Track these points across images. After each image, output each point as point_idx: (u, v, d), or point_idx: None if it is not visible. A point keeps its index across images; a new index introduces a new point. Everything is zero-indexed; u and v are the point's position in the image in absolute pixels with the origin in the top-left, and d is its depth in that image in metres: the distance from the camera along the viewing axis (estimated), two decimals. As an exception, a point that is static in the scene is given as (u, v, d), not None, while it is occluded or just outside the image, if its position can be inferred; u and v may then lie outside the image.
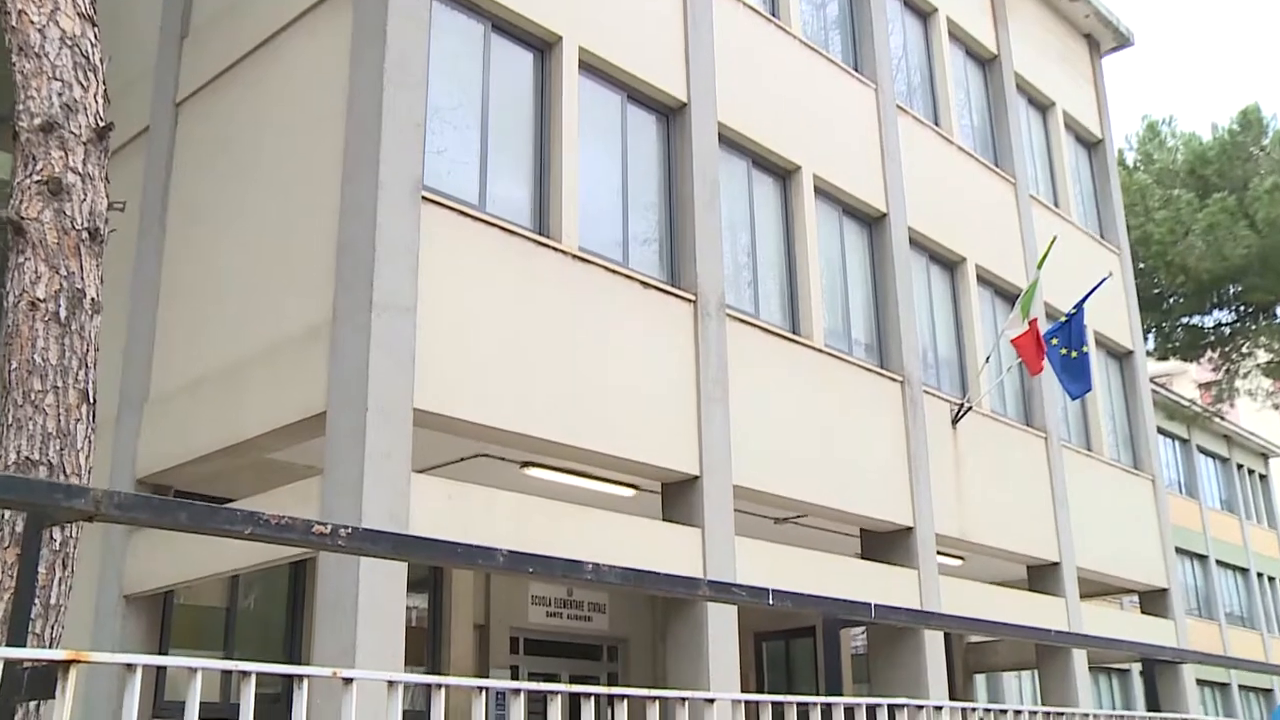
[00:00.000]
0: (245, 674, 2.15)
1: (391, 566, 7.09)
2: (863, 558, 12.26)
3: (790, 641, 17.57)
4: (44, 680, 1.89)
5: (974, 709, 3.81)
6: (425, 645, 11.92)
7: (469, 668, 12.15)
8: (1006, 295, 15.00)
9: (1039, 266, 13.12)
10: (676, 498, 9.86)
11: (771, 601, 2.95)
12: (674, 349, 9.97)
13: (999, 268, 14.79)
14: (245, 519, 2.11)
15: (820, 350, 11.67)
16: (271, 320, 8.51)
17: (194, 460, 8.80)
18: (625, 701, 2.74)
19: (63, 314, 3.76)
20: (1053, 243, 13.59)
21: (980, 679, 19.56)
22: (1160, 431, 31.95)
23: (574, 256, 9.26)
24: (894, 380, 12.53)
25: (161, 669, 9.92)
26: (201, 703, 2.20)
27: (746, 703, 3.08)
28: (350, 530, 2.19)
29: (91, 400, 3.81)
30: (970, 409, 13.28)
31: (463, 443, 9.63)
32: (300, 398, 7.96)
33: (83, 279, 3.89)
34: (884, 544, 12.17)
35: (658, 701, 2.81)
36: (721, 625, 9.37)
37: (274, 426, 8.14)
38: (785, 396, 11.09)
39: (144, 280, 10.03)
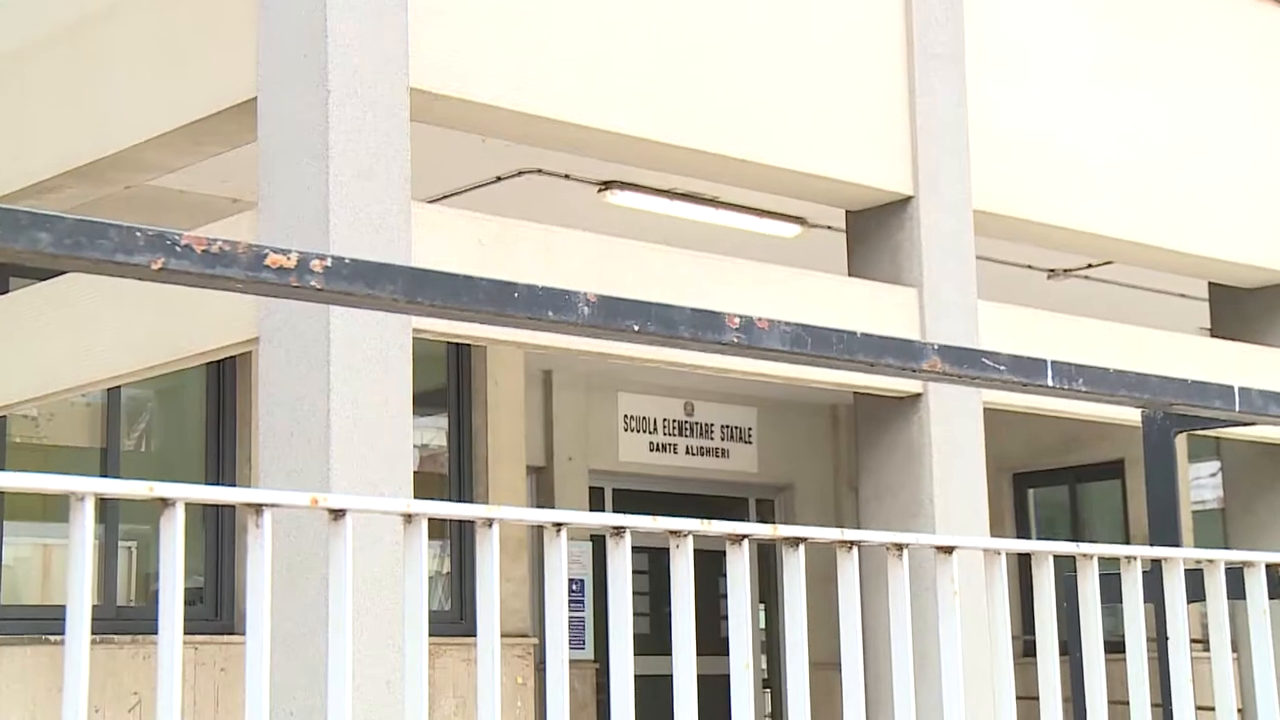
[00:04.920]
0: (167, 503, 2.30)
1: (388, 361, 7.31)
2: (1213, 335, 12.27)
3: (1076, 487, 17.84)
4: None
5: None
6: (443, 498, 12.39)
7: (516, 533, 12.64)
8: None
9: None
10: (873, 236, 9.91)
11: (1052, 380, 3.00)
12: (865, -32, 9.84)
13: None
14: (153, 244, 2.20)
15: (1133, -37, 11.40)
16: (150, -61, 8.58)
17: (20, 191, 9.04)
18: (800, 549, 2.87)
19: None
20: None
21: None
22: None
23: None
24: None
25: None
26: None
27: (1009, 554, 3.19)
28: (331, 261, 2.28)
29: None
30: None
31: (499, 150, 9.72)
32: (209, 76, 8.09)
33: None
34: (1254, 309, 12.14)
35: (855, 549, 2.93)
36: (957, 451, 9.56)
37: (164, 129, 8.30)
38: (1063, 45, 10.92)
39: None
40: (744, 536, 2.82)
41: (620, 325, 2.60)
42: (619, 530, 2.70)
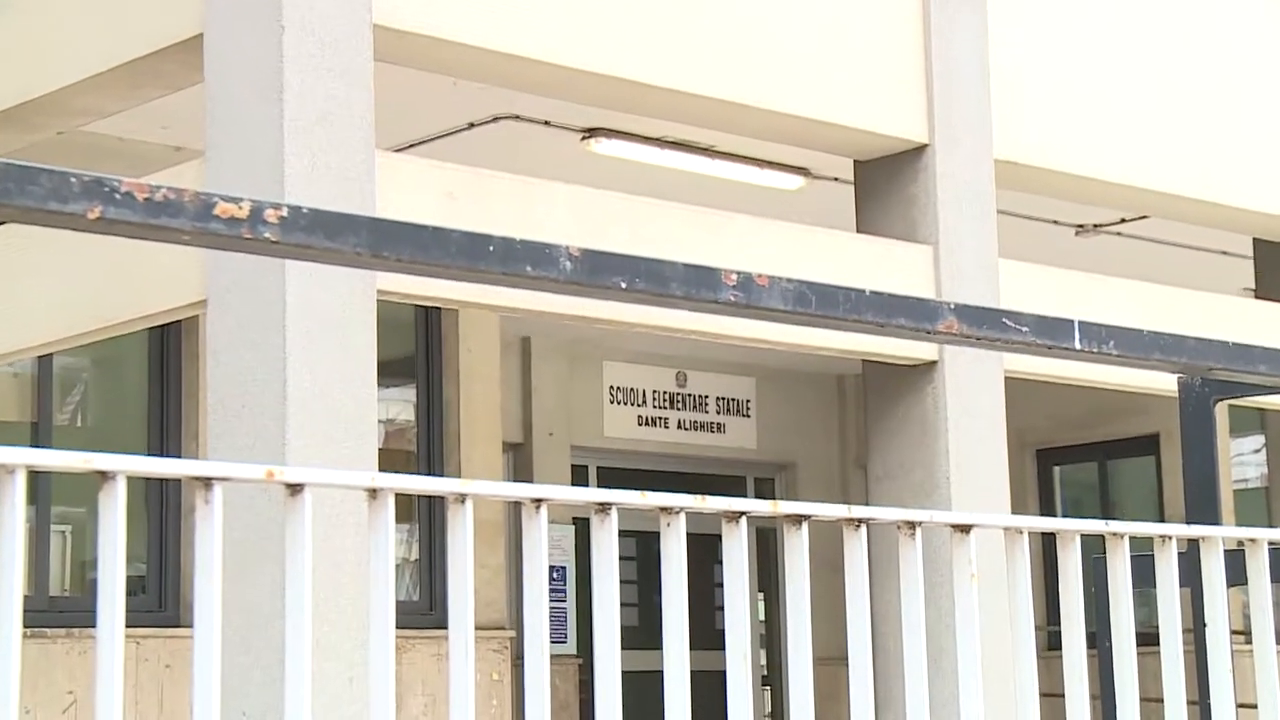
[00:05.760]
0: (106, 477, 2.30)
1: (350, 325, 7.31)
2: (1257, 295, 12.29)
3: (1106, 465, 17.87)
4: None
5: None
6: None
7: (491, 517, 12.66)
8: None
9: None
10: (884, 188, 9.91)
11: (1080, 342, 3.00)
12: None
13: None
14: (89, 190, 2.19)
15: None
16: None
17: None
18: (803, 529, 2.87)
19: None
20: None
21: None
22: None
23: None
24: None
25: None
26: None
27: (1032, 534, 3.20)
28: (288, 211, 2.27)
29: None
30: None
31: (472, 94, 9.70)
32: (149, 10, 8.05)
33: None
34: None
35: (863, 528, 2.94)
36: (975, 425, 9.57)
37: (98, 69, 8.27)
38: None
39: None
40: (741, 514, 2.82)
41: (606, 282, 2.61)
42: (604, 507, 2.70)
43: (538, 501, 2.61)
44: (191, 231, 2.28)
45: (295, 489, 2.45)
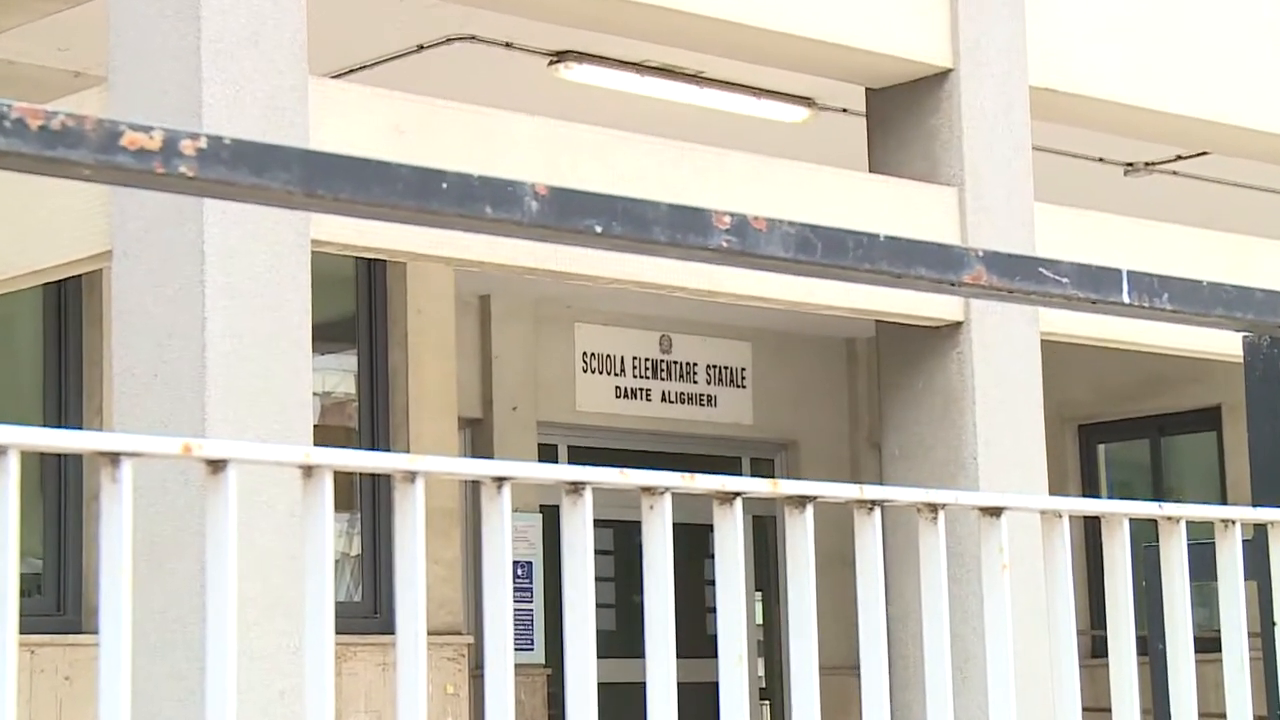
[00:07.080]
0: (-1, 453, 2.30)
1: (280, 280, 7.31)
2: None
3: (1160, 442, 17.89)
4: None
5: None
6: (353, 460, 12.42)
7: (445, 504, 12.67)
8: None
9: None
10: (901, 121, 9.92)
11: (1129, 295, 2.99)
12: None
13: None
14: (-23, 119, 2.19)
15: None
16: None
17: None
18: (808, 510, 2.88)
19: None
20: None
21: None
22: None
23: None
24: None
25: None
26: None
27: (1073, 518, 3.21)
28: (207, 142, 2.26)
29: None
30: None
31: (422, 11, 9.68)
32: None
33: None
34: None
35: (878, 511, 2.94)
36: (1007, 396, 9.58)
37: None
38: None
39: None
40: (736, 495, 2.82)
41: (578, 225, 2.60)
42: (577, 487, 2.69)
43: (499, 480, 2.61)
44: (94, 165, 2.26)
45: (217, 466, 2.44)
